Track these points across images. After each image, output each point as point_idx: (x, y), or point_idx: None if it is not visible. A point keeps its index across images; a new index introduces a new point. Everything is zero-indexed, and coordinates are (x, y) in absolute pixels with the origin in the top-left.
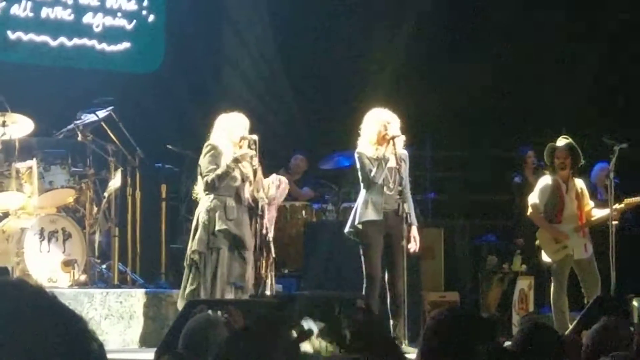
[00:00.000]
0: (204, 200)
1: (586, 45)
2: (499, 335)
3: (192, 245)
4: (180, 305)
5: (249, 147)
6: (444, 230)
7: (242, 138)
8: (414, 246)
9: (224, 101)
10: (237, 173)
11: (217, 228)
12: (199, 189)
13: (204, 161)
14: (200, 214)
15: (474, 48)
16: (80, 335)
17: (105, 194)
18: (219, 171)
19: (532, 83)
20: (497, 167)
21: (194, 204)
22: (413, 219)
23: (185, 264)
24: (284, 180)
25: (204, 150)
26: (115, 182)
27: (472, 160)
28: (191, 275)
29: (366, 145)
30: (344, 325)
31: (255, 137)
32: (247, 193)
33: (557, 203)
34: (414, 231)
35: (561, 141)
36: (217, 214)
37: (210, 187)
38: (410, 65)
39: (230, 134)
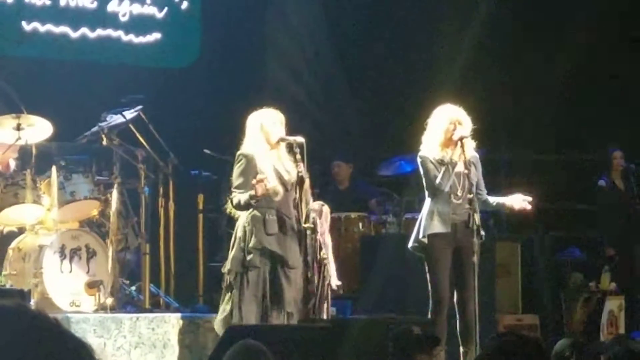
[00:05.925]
0: (244, 214)
1: None
2: None
3: (227, 264)
4: (219, 331)
5: (293, 150)
6: (520, 244)
7: (282, 140)
8: (526, 204)
9: (268, 99)
10: (278, 186)
11: (250, 245)
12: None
13: (233, 175)
14: (238, 229)
15: (553, 35)
16: None
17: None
18: (242, 198)
19: (623, 72)
20: (581, 171)
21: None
22: (503, 199)
23: (222, 285)
24: (320, 205)
25: (235, 161)
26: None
27: (552, 163)
28: (226, 298)
29: (431, 147)
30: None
31: (301, 139)
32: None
33: None
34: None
35: None
36: (254, 229)
37: (237, 208)
38: (482, 57)
39: (267, 135)
